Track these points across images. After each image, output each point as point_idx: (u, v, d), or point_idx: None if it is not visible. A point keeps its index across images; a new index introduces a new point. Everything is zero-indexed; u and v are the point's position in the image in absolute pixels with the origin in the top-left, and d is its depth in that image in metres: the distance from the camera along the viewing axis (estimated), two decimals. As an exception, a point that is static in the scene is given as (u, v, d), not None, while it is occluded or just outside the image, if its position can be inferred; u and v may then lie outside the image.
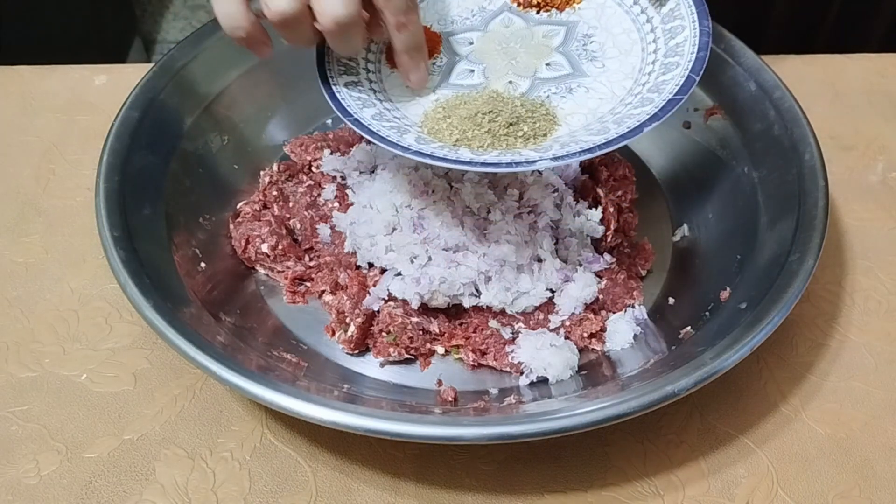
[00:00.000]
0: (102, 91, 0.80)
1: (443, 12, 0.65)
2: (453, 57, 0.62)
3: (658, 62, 0.58)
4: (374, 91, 0.59)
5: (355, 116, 0.56)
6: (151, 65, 0.69)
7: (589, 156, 0.52)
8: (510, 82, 0.60)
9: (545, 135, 0.56)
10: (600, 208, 0.65)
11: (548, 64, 0.61)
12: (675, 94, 0.55)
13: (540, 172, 0.65)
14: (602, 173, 0.68)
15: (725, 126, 0.69)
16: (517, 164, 0.52)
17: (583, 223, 0.64)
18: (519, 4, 0.65)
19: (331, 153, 0.70)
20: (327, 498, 0.55)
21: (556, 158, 0.52)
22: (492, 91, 0.59)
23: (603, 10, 0.63)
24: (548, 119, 0.57)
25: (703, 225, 0.68)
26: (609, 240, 0.65)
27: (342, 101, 0.57)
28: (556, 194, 0.64)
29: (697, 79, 0.55)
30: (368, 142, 0.64)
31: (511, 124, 0.56)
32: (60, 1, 1.24)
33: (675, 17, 0.59)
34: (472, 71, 0.61)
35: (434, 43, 0.62)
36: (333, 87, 0.58)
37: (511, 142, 0.56)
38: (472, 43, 0.63)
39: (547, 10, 0.64)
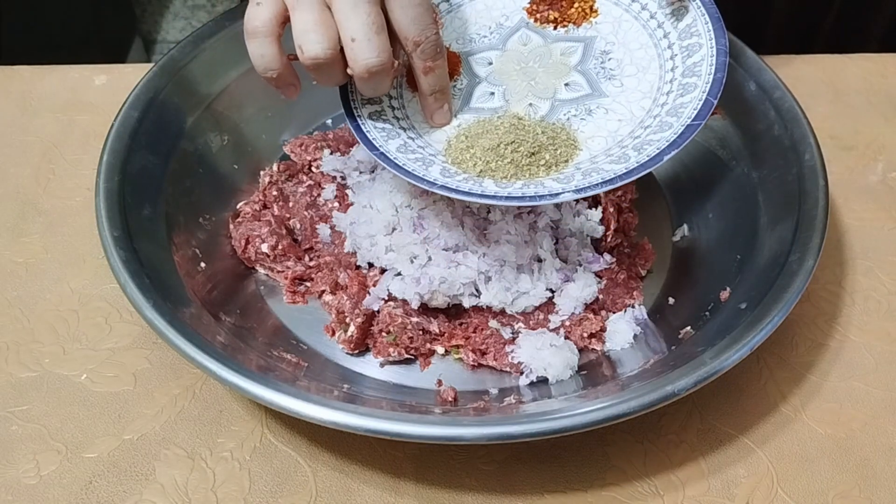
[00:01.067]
0: (102, 91, 0.80)
1: (461, 30, 0.65)
2: (473, 79, 0.62)
3: (676, 81, 0.58)
4: (398, 119, 0.60)
5: (381, 150, 0.56)
6: (151, 65, 0.69)
7: (610, 187, 0.53)
8: (530, 104, 0.60)
9: (566, 161, 0.57)
10: (600, 208, 0.65)
11: (567, 84, 0.61)
12: (693, 120, 0.55)
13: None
14: (602, 173, 0.68)
15: (725, 126, 0.69)
16: (540, 197, 0.53)
17: (583, 223, 0.64)
18: (536, 20, 0.64)
19: (331, 153, 0.70)
20: (327, 498, 0.55)
21: (578, 190, 0.53)
22: (513, 116, 0.59)
23: (620, 24, 0.63)
24: (569, 144, 0.58)
25: (703, 225, 0.68)
26: (609, 240, 0.65)
27: (367, 134, 0.58)
28: (556, 194, 0.64)
29: (715, 102, 0.55)
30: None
31: (533, 154, 0.57)
32: (60, 1, 1.24)
33: (692, 34, 0.59)
34: (493, 94, 0.61)
35: (454, 64, 0.62)
36: (359, 120, 0.58)
37: (534, 171, 0.56)
38: (490, 63, 0.63)
39: (564, 26, 0.64)
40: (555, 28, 0.64)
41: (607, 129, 0.58)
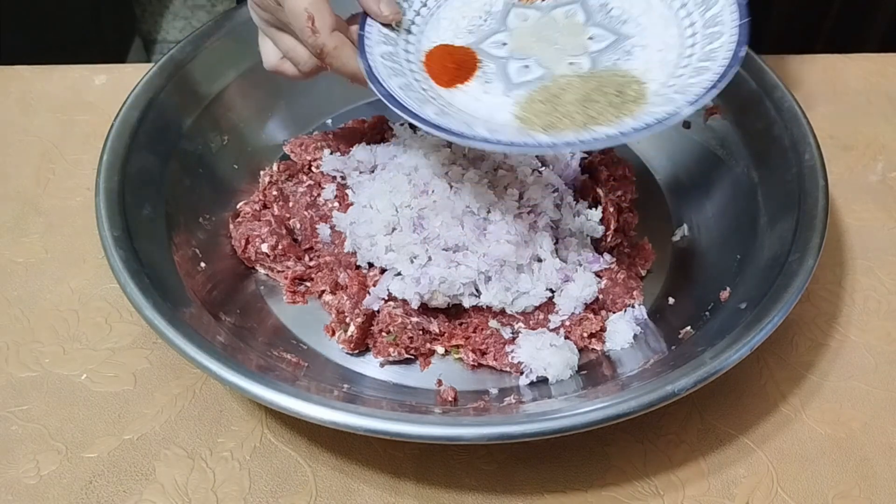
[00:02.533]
0: (102, 91, 0.80)
1: (453, 28, 0.63)
2: (498, 61, 0.61)
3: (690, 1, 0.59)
4: (452, 114, 0.57)
5: (480, 137, 0.53)
6: (151, 65, 0.69)
7: (716, 92, 0.52)
8: (571, 63, 0.59)
9: (644, 95, 0.56)
10: (600, 208, 0.65)
11: (591, 38, 0.61)
12: (742, 21, 0.55)
13: (540, 173, 0.65)
14: (602, 173, 0.68)
15: (725, 126, 0.69)
16: (671, 116, 0.51)
17: (583, 223, 0.64)
18: None
19: (331, 153, 0.70)
20: (327, 498, 0.55)
21: (692, 103, 0.52)
22: (569, 74, 0.58)
23: None
24: (637, 81, 0.57)
25: (703, 225, 0.68)
26: (609, 240, 0.65)
27: (449, 127, 0.53)
28: (556, 194, 0.64)
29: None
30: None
31: (620, 93, 0.56)
32: (60, 1, 1.24)
33: None
34: (527, 66, 0.60)
35: (469, 56, 0.61)
36: (428, 120, 0.54)
37: (630, 108, 0.55)
38: (505, 44, 0.62)
39: None
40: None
41: (655, 60, 0.58)
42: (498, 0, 0.64)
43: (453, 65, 0.61)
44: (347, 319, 0.60)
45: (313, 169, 0.70)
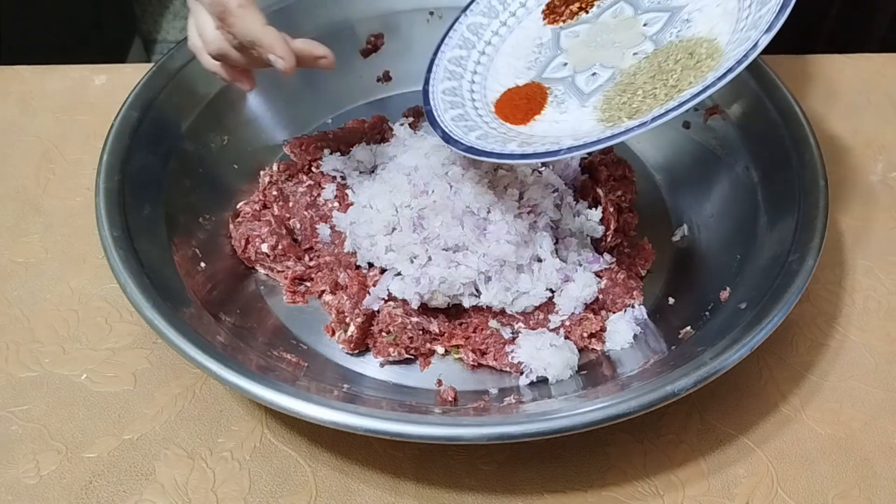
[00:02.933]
0: (102, 91, 0.80)
1: (511, 71, 0.63)
2: (564, 81, 0.61)
3: None
4: (535, 142, 0.57)
5: (567, 146, 0.53)
6: (151, 65, 0.69)
7: (782, 21, 0.52)
8: (635, 54, 0.59)
9: (718, 48, 0.55)
10: (600, 208, 0.65)
11: (645, 24, 0.60)
12: None
13: (540, 173, 0.65)
14: (602, 173, 0.68)
15: (725, 126, 0.69)
16: (750, 51, 0.50)
17: (583, 223, 0.64)
18: (564, 21, 0.64)
19: (331, 153, 0.70)
20: (327, 498, 0.55)
21: (767, 31, 0.51)
22: (635, 63, 0.58)
23: None
24: (704, 38, 0.56)
25: (703, 225, 0.68)
26: (609, 240, 0.65)
27: (535, 151, 0.54)
28: (556, 194, 0.64)
29: None
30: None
31: (691, 54, 0.56)
32: (60, 1, 1.24)
33: None
34: (595, 73, 0.60)
35: (535, 88, 0.62)
36: (513, 154, 0.55)
37: (707, 64, 0.54)
38: (566, 63, 0.62)
39: (591, 5, 0.63)
40: (586, 13, 0.63)
41: (717, 15, 0.57)
42: (545, 30, 0.64)
43: (523, 100, 0.61)
44: (347, 319, 0.60)
45: (313, 169, 0.70)
